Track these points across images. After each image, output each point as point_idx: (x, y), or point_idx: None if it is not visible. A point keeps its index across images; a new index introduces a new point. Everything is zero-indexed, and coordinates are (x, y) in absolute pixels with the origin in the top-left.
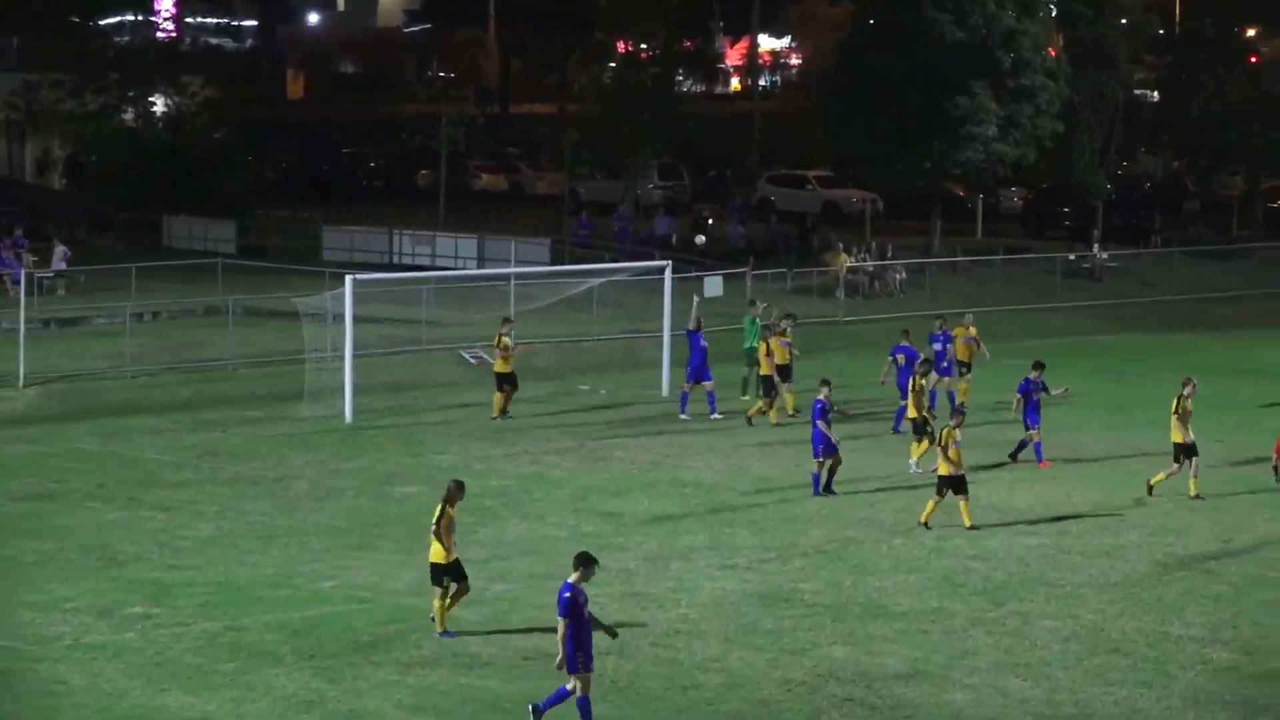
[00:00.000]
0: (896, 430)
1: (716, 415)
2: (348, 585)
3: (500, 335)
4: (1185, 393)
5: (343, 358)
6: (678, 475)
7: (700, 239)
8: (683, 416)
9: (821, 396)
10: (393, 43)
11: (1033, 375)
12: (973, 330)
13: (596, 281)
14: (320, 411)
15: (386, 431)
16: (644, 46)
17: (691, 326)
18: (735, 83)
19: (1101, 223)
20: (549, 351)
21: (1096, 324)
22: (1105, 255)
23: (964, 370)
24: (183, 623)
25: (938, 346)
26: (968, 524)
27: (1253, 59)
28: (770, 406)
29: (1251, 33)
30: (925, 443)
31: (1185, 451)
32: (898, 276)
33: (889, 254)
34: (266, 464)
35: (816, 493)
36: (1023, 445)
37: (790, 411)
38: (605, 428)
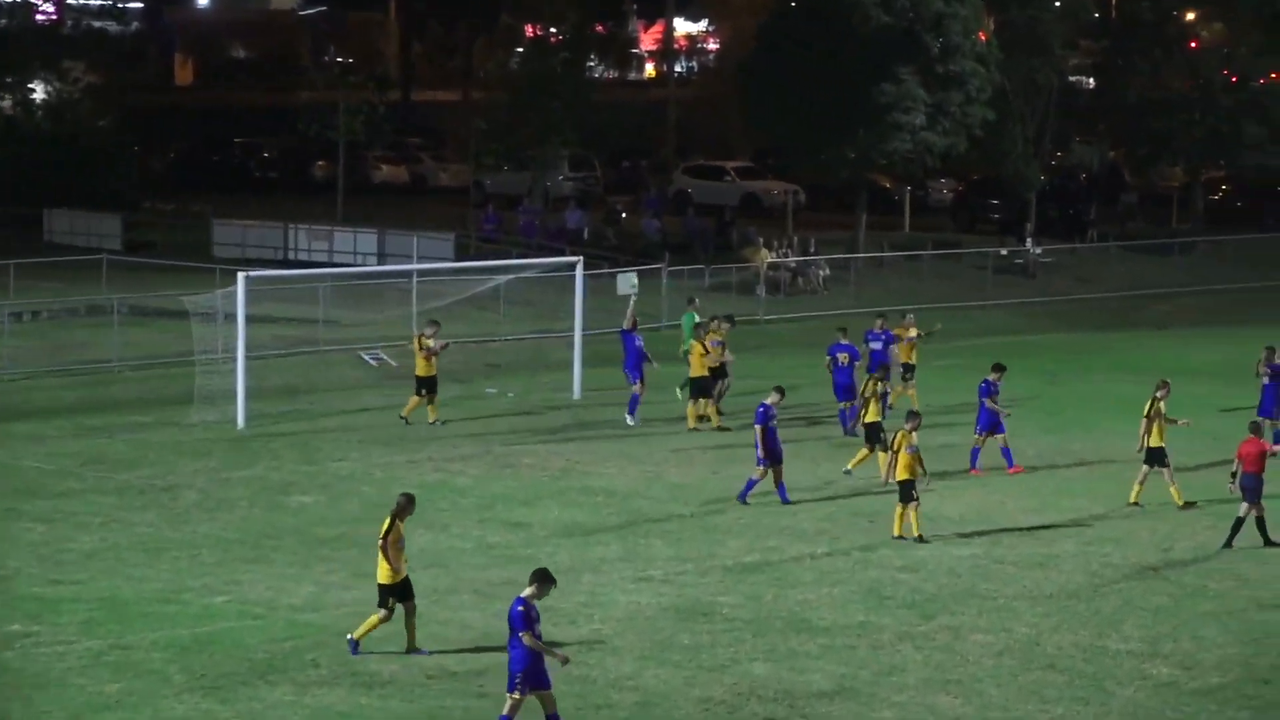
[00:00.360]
0: (848, 432)
1: (631, 421)
2: (240, 600)
3: (422, 336)
4: (1159, 395)
5: (235, 360)
6: (589, 483)
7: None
8: (630, 421)
9: (769, 401)
10: (287, 26)
11: (992, 377)
12: (913, 331)
13: (504, 279)
14: (211, 417)
15: (281, 438)
16: (553, 30)
17: (625, 326)
18: (650, 69)
19: (1035, 216)
20: (454, 353)
21: (1030, 322)
22: (1039, 250)
23: (907, 374)
24: (65, 641)
25: (876, 346)
26: (896, 533)
27: (1192, 44)
28: (714, 407)
29: (1191, 16)
30: (867, 452)
31: (1156, 457)
32: (821, 273)
33: (812, 249)
34: (154, 472)
35: (785, 501)
36: (1006, 452)
37: (714, 423)
38: (513, 433)
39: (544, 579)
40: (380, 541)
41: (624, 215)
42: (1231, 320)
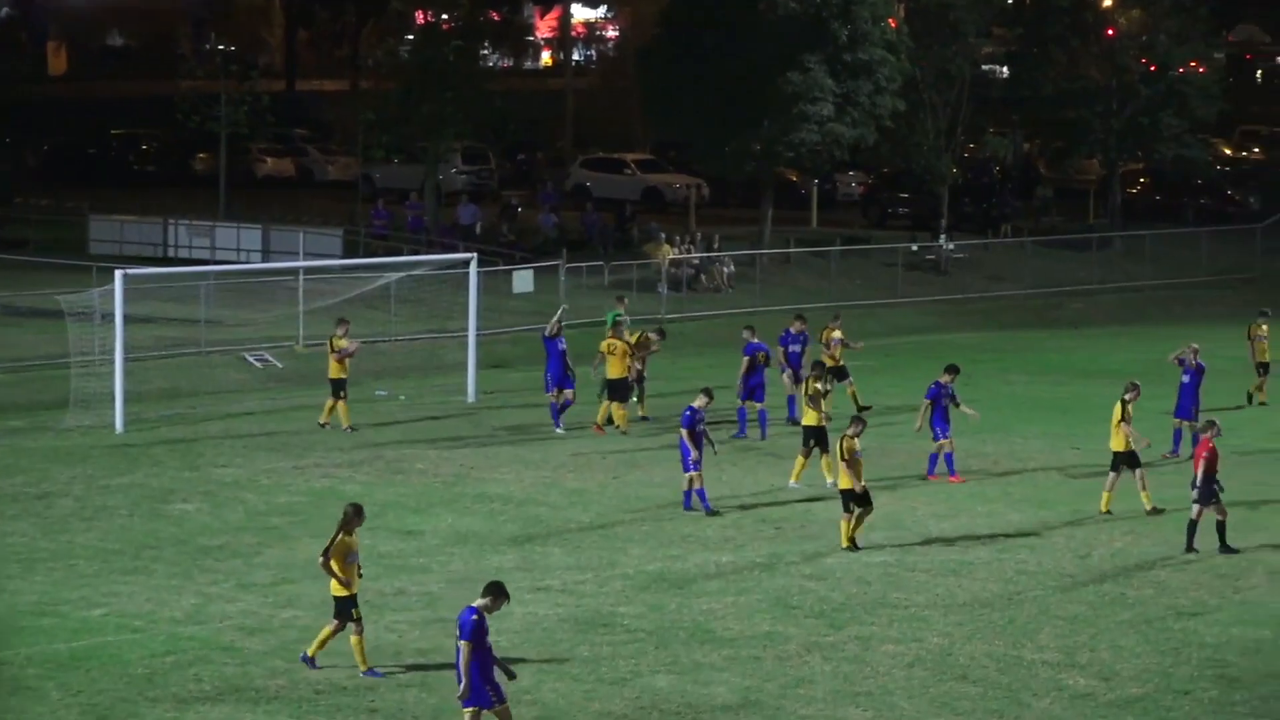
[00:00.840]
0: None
1: (560, 430)
2: (119, 613)
3: (334, 337)
4: (1127, 398)
5: (112, 361)
6: (484, 489)
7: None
8: (558, 430)
9: (697, 404)
10: (166, 12)
11: (943, 379)
12: (838, 333)
13: (394, 276)
14: (88, 421)
15: (162, 443)
16: (445, 17)
17: (549, 333)
18: (546, 57)
19: (947, 211)
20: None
21: (942, 320)
22: (951, 246)
23: (840, 378)
24: None
25: (795, 349)
26: (845, 544)
27: (1109, 32)
28: (639, 406)
29: (1108, 3)
30: (804, 459)
31: (1126, 461)
32: (725, 270)
33: (715, 245)
34: (28, 480)
35: (687, 507)
36: (934, 459)
37: (615, 424)
38: (404, 438)
39: (498, 593)
40: (320, 558)
41: (520, 210)
42: (1150, 318)
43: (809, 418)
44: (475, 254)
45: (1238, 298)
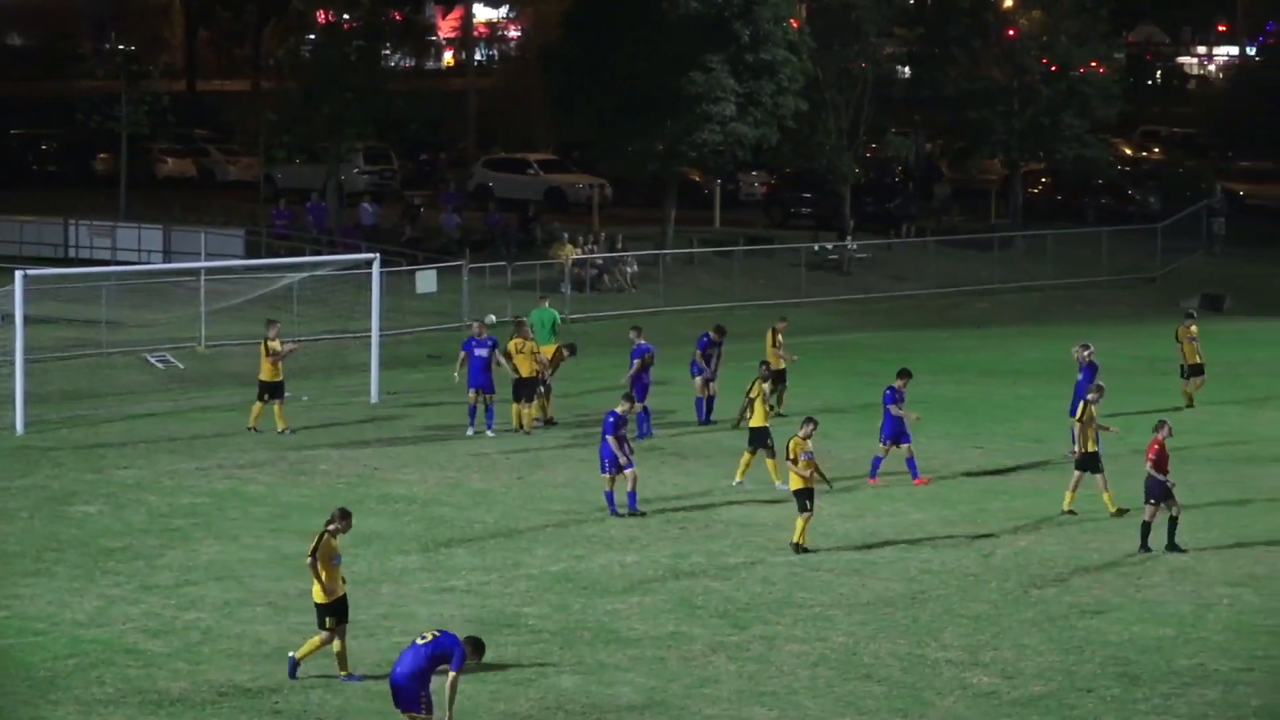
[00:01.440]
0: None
1: (490, 433)
2: (20, 616)
3: (267, 339)
4: (1090, 399)
5: (12, 363)
6: (388, 490)
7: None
8: (489, 432)
9: (620, 410)
10: (66, 12)
11: (897, 384)
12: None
13: (297, 277)
14: None
15: (63, 445)
16: (346, 16)
17: (478, 335)
18: (448, 57)
19: (851, 210)
20: (243, 355)
21: (845, 320)
22: (854, 246)
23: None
24: None
25: (712, 353)
26: (796, 539)
27: (1010, 32)
28: (544, 407)
29: (1009, 3)
30: (749, 456)
31: (1090, 463)
32: (629, 270)
33: (619, 245)
34: None
35: (613, 511)
36: (878, 462)
37: (520, 426)
38: (308, 438)
39: (477, 648)
40: (308, 559)
41: (422, 210)
42: (1052, 318)
43: (757, 418)
44: (378, 254)
45: (1138, 297)
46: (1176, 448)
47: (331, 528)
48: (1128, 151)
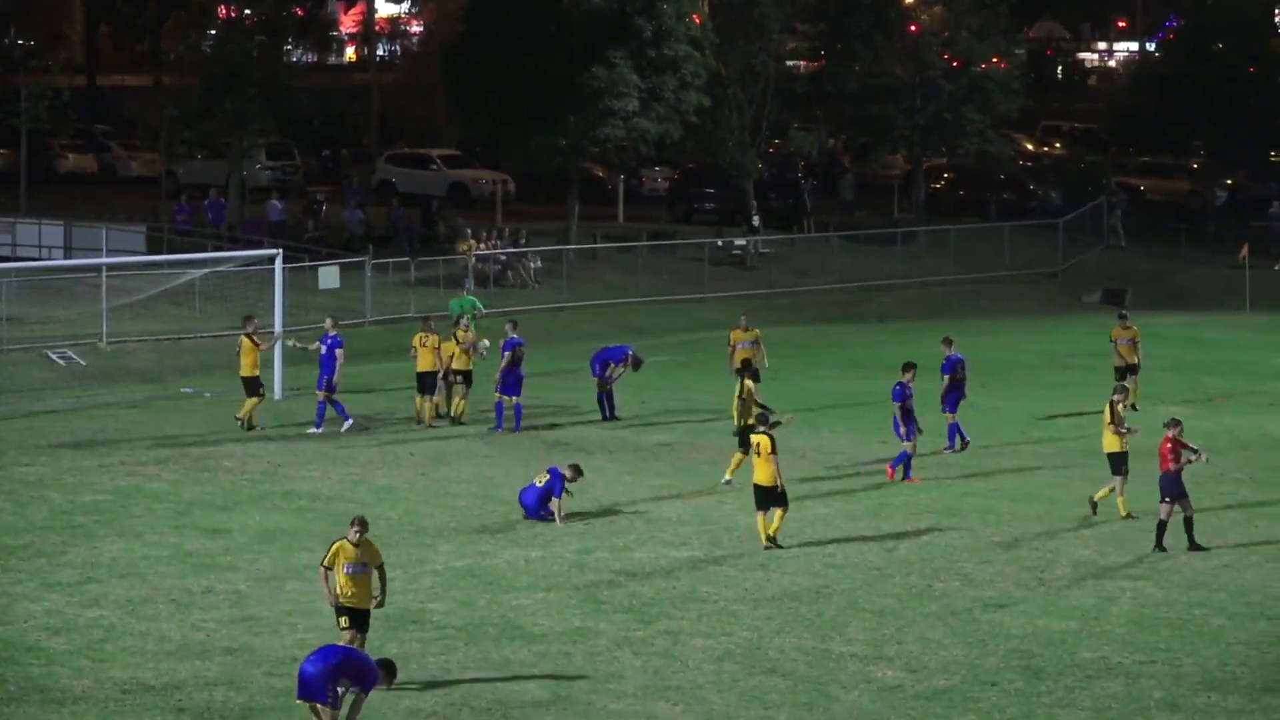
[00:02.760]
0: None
1: (317, 430)
2: None
3: (246, 335)
4: (1116, 398)
5: None
6: (292, 486)
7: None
8: (313, 430)
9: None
10: None
11: (904, 378)
12: (755, 331)
13: (199, 273)
14: None
15: None
16: (248, 11)
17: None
18: (350, 52)
19: (756, 205)
20: (146, 350)
21: (749, 316)
22: (759, 241)
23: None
24: None
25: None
26: (764, 541)
27: (912, 28)
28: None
29: (910, 0)
30: (742, 456)
31: (1123, 462)
32: (533, 265)
33: (522, 240)
34: None
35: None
36: (905, 460)
37: (421, 420)
38: (211, 435)
39: (389, 672)
40: (322, 570)
41: (325, 206)
42: (955, 312)
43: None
44: (280, 250)
45: (1040, 291)
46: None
47: (352, 537)
48: (1029, 147)
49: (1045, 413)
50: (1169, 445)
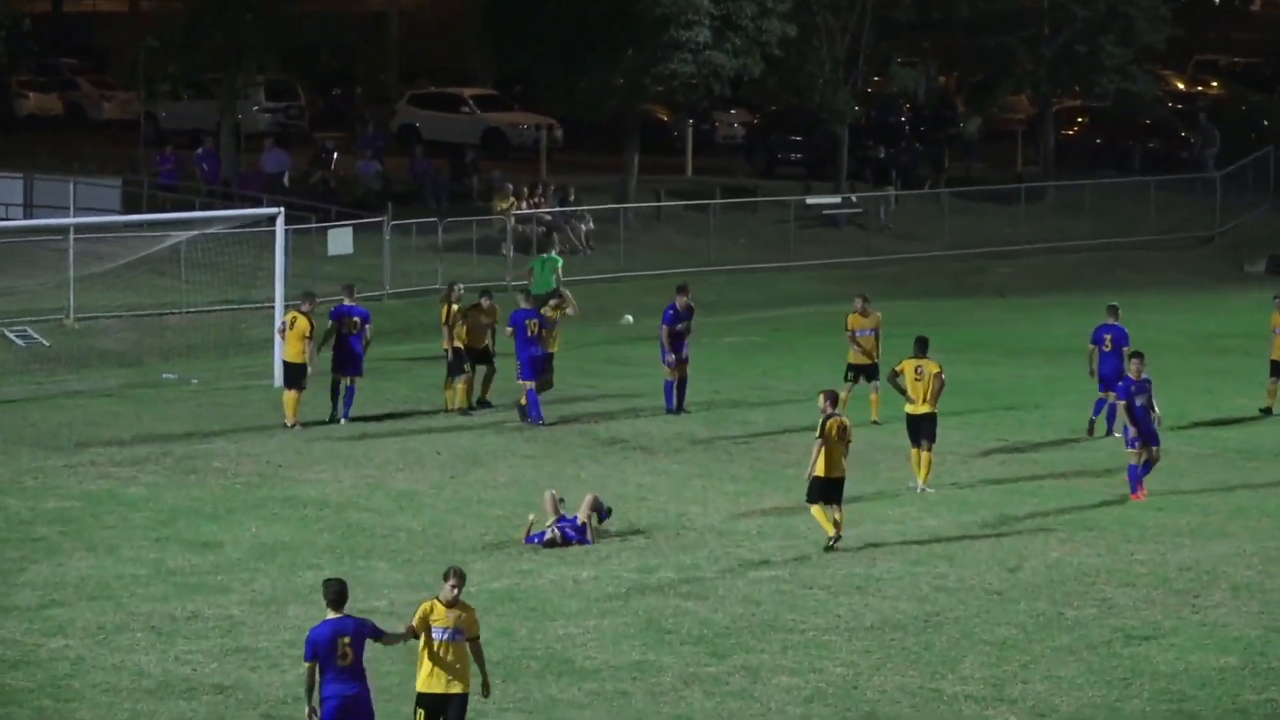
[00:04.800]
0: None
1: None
2: None
3: (302, 313)
4: None
5: None
6: (295, 492)
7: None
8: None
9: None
10: None
11: (1133, 370)
12: (876, 316)
13: (185, 236)
14: None
15: None
16: None
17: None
18: None
19: (848, 156)
20: (122, 328)
21: (841, 288)
22: (854, 199)
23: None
24: None
25: (681, 329)
26: (831, 536)
27: None
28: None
29: None
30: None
31: None
32: (583, 227)
33: (571, 198)
34: None
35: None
36: (1135, 474)
37: (463, 405)
38: (199, 429)
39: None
40: (406, 633)
41: (335, 156)
42: (1089, 284)
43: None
44: (282, 209)
45: (1192, 259)
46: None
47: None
48: (1180, 85)
49: (1198, 405)
50: None
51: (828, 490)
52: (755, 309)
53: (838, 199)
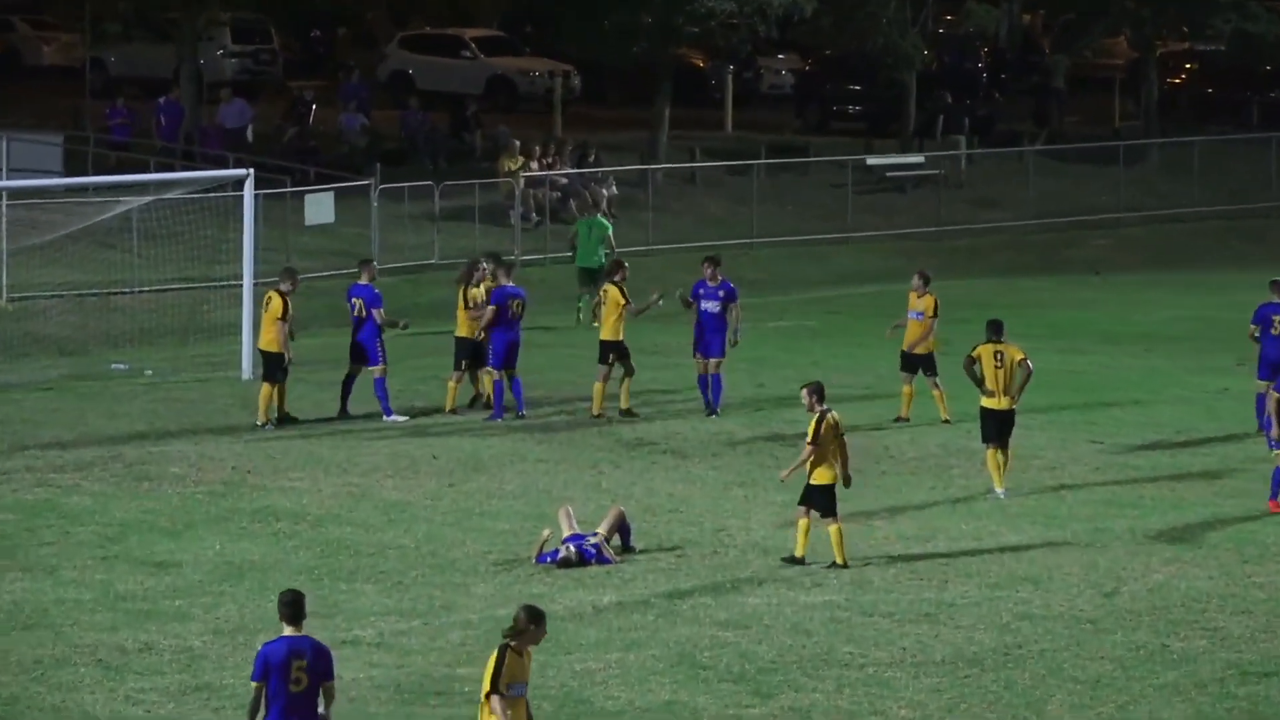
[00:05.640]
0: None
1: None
2: None
3: (279, 292)
4: None
5: None
6: (266, 502)
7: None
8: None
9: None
10: None
11: None
12: (929, 299)
13: (138, 201)
14: None
15: None
16: None
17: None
18: None
19: (916, 109)
20: (63, 310)
21: (908, 262)
22: (922, 158)
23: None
24: None
25: (712, 307)
26: (838, 561)
27: None
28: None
29: None
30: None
31: None
32: (605, 192)
33: (591, 158)
34: None
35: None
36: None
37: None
38: (153, 429)
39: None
40: (485, 693)
41: (314, 109)
42: (1200, 258)
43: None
44: (252, 170)
45: None
46: None
47: (513, 643)
48: None
49: None
50: None
51: (822, 500)
52: (806, 288)
53: (904, 159)
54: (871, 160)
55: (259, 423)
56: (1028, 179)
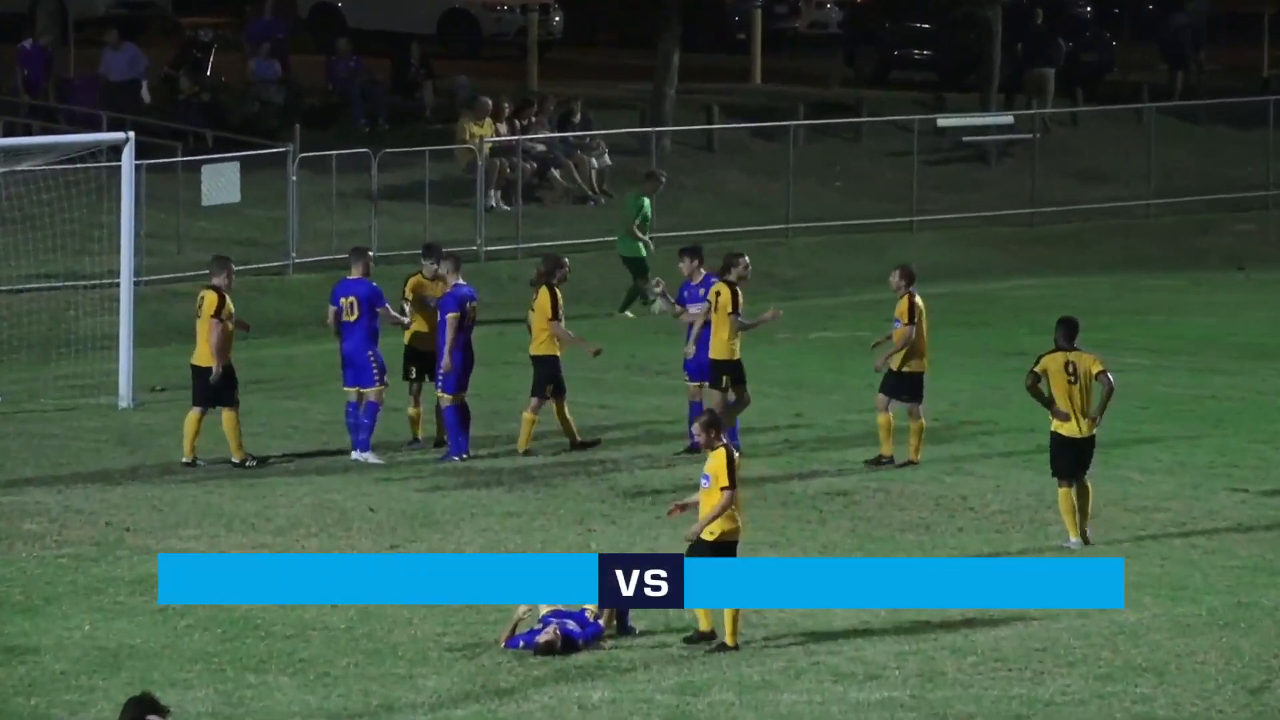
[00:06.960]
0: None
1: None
2: None
3: (213, 288)
4: None
5: None
6: (152, 569)
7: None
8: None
9: None
10: None
11: None
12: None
13: None
14: None
15: None
16: None
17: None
18: None
19: (1002, 56)
20: None
21: (993, 254)
22: (1010, 119)
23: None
24: None
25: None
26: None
27: None
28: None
29: None
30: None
31: None
32: (594, 163)
33: (577, 118)
34: None
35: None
36: None
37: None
38: (2, 473)
39: None
40: None
41: (214, 53)
42: None
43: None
44: (132, 134)
45: None
46: None
47: None
48: None
49: None
50: None
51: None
52: (858, 288)
53: (986, 119)
54: (944, 121)
55: (185, 460)
56: (1149, 145)
